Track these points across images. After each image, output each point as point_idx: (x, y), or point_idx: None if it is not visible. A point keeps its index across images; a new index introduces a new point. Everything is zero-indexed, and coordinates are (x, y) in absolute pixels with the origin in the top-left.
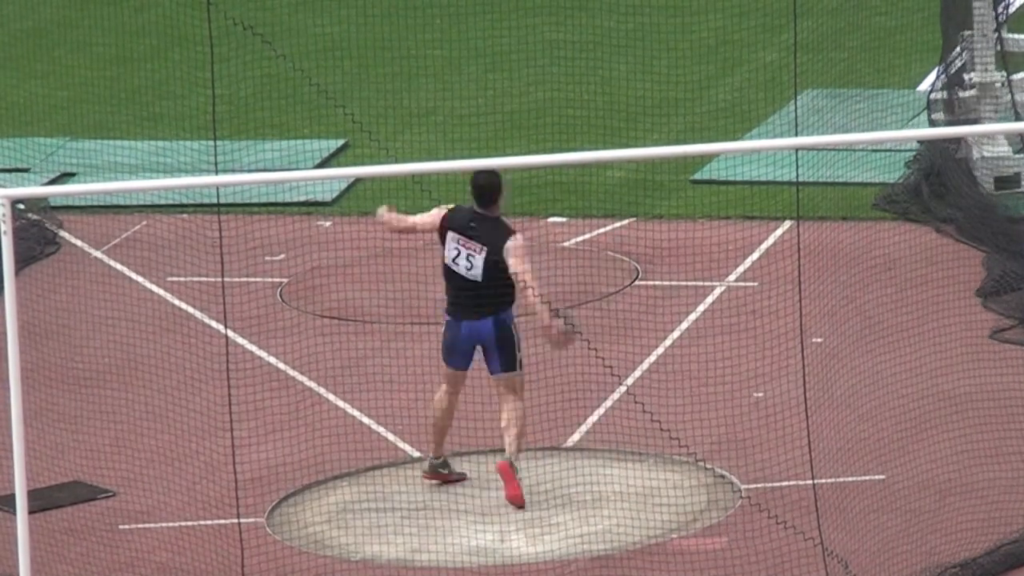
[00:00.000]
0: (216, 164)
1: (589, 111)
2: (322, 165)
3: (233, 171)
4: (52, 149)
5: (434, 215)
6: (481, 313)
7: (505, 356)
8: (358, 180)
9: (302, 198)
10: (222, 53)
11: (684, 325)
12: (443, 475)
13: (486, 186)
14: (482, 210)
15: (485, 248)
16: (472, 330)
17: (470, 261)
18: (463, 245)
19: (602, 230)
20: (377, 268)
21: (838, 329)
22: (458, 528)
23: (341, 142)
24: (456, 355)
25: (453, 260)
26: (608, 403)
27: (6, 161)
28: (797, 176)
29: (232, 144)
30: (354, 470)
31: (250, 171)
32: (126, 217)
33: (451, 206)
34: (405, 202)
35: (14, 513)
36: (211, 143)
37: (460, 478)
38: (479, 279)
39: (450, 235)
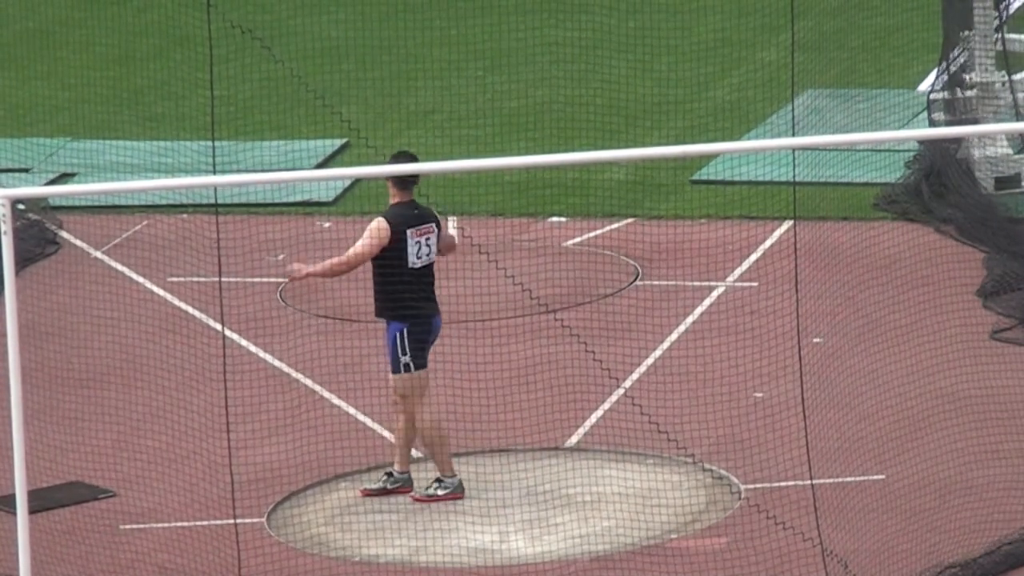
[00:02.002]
0: (215, 164)
1: (589, 111)
2: (322, 165)
3: (233, 171)
4: (53, 149)
5: (377, 233)
6: (438, 306)
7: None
8: (358, 180)
9: (302, 198)
10: (222, 54)
11: (683, 326)
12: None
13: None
14: (410, 196)
15: (434, 224)
16: (438, 324)
17: (429, 246)
18: (421, 235)
19: (602, 230)
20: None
21: (838, 329)
22: (458, 528)
23: (341, 142)
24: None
25: (416, 256)
26: (608, 404)
27: (7, 161)
28: (795, 176)
29: (233, 145)
30: (354, 470)
31: (251, 171)
32: (126, 217)
33: (380, 217)
34: None
35: (14, 513)
36: (217, 143)
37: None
38: (433, 259)
39: (409, 234)
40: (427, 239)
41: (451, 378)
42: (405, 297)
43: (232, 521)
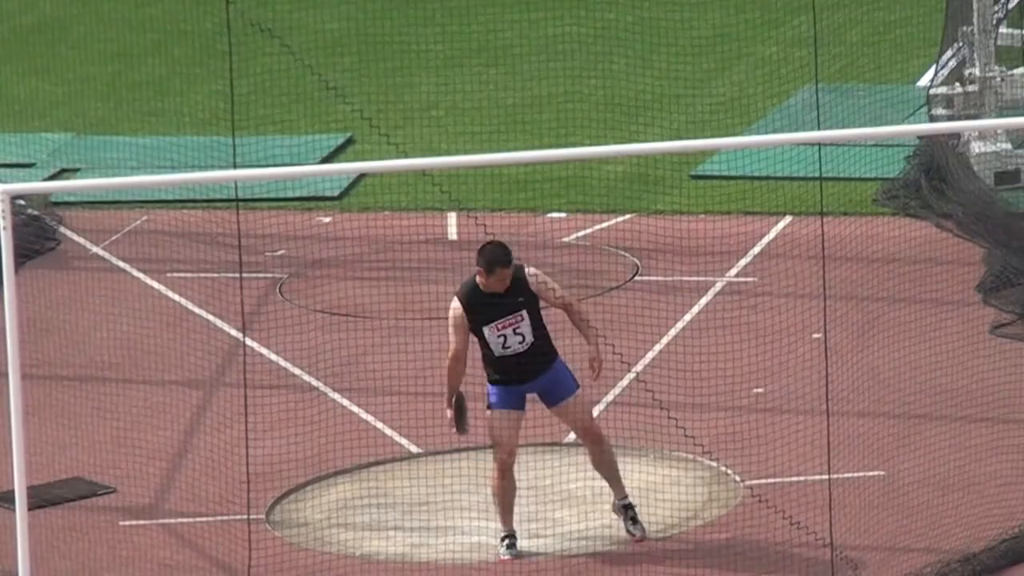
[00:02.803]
0: (208, 162)
1: (589, 106)
2: (326, 160)
3: (232, 167)
4: (57, 145)
5: (455, 322)
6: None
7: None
8: (363, 175)
9: (307, 193)
10: (222, 50)
11: (683, 322)
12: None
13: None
14: (498, 284)
15: (523, 311)
16: (534, 386)
17: (520, 333)
18: (505, 327)
19: (602, 225)
20: (377, 263)
21: (838, 325)
22: (458, 524)
23: (345, 137)
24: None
25: (503, 347)
26: (609, 398)
27: (11, 156)
28: (792, 172)
29: (237, 140)
30: (354, 466)
31: (251, 167)
32: (126, 212)
33: (455, 301)
34: (408, 196)
35: (14, 509)
36: (214, 139)
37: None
38: (531, 341)
39: (487, 331)
40: (515, 328)
41: None
42: (493, 368)
43: (233, 517)
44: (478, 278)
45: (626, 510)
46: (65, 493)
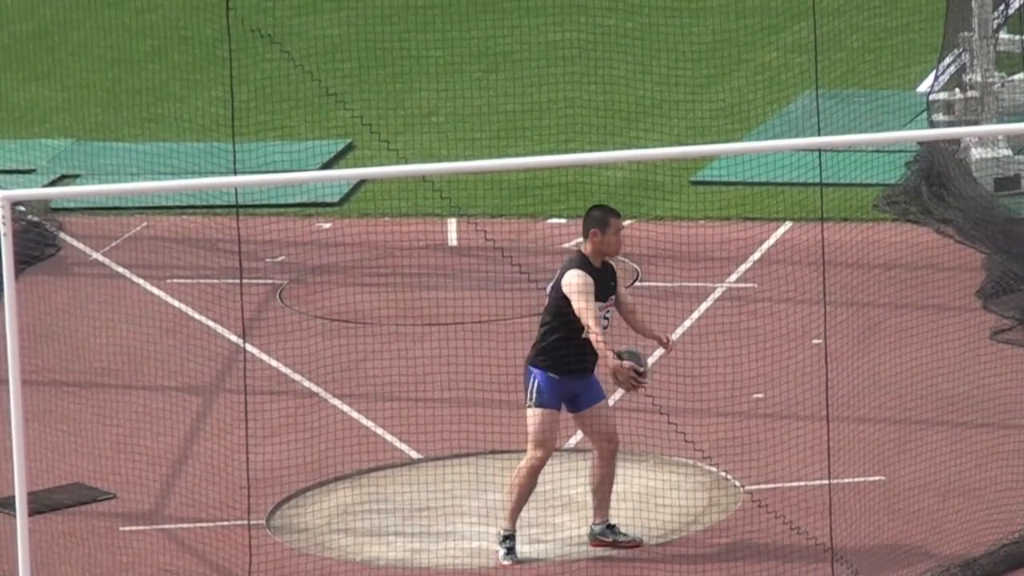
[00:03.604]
0: (208, 168)
1: (589, 112)
2: (327, 166)
3: (232, 173)
4: (57, 151)
5: (587, 285)
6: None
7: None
8: (363, 181)
9: (307, 199)
10: (221, 56)
11: (683, 328)
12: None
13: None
14: (613, 246)
15: (613, 295)
16: (579, 386)
17: (607, 319)
18: (601, 311)
19: None
20: (378, 269)
21: (838, 330)
22: (459, 530)
23: (345, 143)
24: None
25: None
26: (609, 404)
27: (11, 162)
28: (792, 178)
29: (237, 146)
30: (354, 472)
31: (253, 173)
32: (126, 218)
33: (578, 271)
34: (408, 202)
35: (15, 515)
36: (214, 145)
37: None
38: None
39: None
40: (605, 313)
41: (453, 379)
42: (560, 354)
43: (234, 523)
44: (587, 247)
45: (611, 529)
46: (65, 499)
